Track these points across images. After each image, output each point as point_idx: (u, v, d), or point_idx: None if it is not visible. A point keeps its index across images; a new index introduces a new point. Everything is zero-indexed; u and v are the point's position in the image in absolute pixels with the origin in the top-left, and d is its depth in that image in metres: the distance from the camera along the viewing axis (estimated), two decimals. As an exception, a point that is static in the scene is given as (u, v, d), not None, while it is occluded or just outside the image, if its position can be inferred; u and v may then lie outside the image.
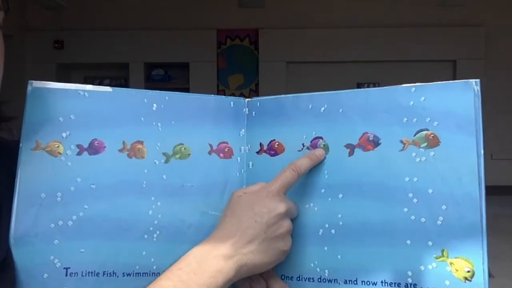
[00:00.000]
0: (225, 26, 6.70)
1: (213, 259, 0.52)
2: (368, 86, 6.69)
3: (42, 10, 6.44)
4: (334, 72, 6.61)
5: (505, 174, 6.27)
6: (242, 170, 0.63)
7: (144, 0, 6.64)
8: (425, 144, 0.54)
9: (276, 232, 0.54)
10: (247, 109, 0.64)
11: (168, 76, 6.84)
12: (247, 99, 0.65)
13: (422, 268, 0.53)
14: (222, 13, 6.64)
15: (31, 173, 0.56)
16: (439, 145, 0.54)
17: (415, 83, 0.57)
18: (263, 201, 0.55)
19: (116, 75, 6.86)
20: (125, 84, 6.70)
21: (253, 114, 0.64)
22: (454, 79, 0.57)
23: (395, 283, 0.54)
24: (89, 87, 0.59)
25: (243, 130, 0.64)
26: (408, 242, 0.54)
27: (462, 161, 0.52)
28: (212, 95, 0.64)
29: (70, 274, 0.55)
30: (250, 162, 0.63)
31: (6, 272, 0.53)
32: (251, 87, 6.84)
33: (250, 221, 0.54)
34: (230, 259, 0.52)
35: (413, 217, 0.54)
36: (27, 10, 6.46)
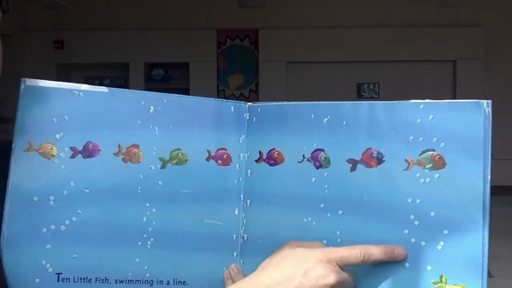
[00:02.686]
0: (225, 26, 6.70)
1: None
2: (368, 86, 6.69)
3: (42, 10, 6.43)
4: (334, 72, 6.61)
5: (505, 174, 6.27)
6: (241, 178, 0.61)
7: (144, 0, 6.64)
8: (431, 165, 0.52)
9: None
10: (247, 114, 0.62)
11: (168, 76, 6.84)
12: (248, 104, 0.63)
13: None
14: (222, 13, 6.64)
15: (23, 175, 0.54)
16: (444, 167, 0.52)
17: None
18: (316, 264, 0.50)
19: (116, 75, 6.86)
20: (125, 84, 6.70)
21: (254, 120, 0.62)
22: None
23: None
24: (84, 86, 0.57)
25: (243, 136, 0.62)
26: (407, 265, 0.52)
27: (468, 186, 0.50)
28: (212, 98, 0.62)
29: (62, 280, 0.54)
30: (249, 170, 0.61)
31: None
32: (251, 87, 6.83)
33: (293, 280, 0.49)
34: None
35: (413, 240, 0.52)
36: (27, 10, 6.45)
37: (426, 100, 0.53)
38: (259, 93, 6.68)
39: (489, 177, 0.50)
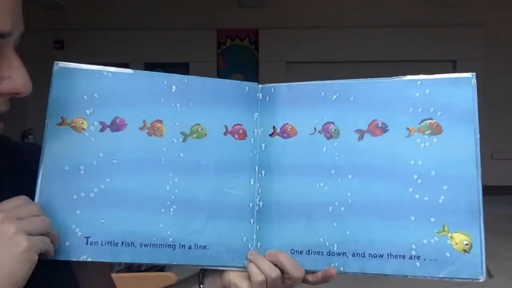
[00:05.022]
0: (225, 26, 6.70)
1: None
2: (368, 86, 6.68)
3: (42, 10, 6.44)
4: (334, 72, 6.60)
5: (505, 174, 6.27)
6: (255, 151, 0.66)
7: (144, 0, 6.64)
8: (429, 131, 0.60)
9: None
10: (260, 94, 0.67)
11: (168, 76, 6.84)
12: (260, 85, 0.68)
13: (425, 241, 0.59)
14: (222, 13, 6.64)
15: (56, 147, 0.59)
16: (441, 132, 0.60)
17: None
18: None
19: (116, 75, 6.86)
20: (125, 84, 6.69)
21: (267, 99, 0.67)
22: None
23: (400, 256, 0.59)
24: (111, 69, 0.63)
25: (256, 113, 0.67)
26: (412, 218, 0.59)
27: (462, 147, 0.59)
28: (228, 80, 0.67)
29: (90, 243, 0.59)
30: (263, 144, 0.66)
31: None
32: (251, 87, 6.83)
33: None
34: None
35: (417, 196, 0.59)
36: (27, 10, 6.44)
37: (422, 77, 0.62)
38: (259, 93, 6.67)
39: (478, 137, 0.59)
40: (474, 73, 0.60)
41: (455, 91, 0.60)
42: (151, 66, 6.81)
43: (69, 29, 6.57)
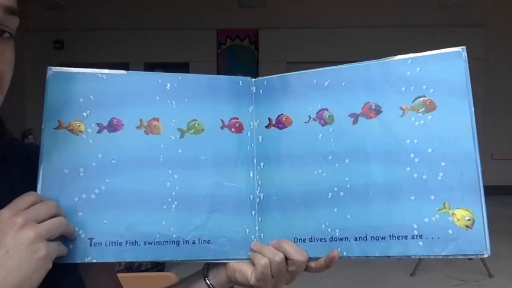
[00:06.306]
0: (225, 26, 6.70)
1: None
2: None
3: (42, 10, 6.44)
4: (334, 72, 6.60)
5: (505, 174, 6.27)
6: (252, 144, 0.67)
7: (144, 0, 6.64)
8: (423, 109, 0.60)
9: None
10: (254, 87, 0.68)
11: (168, 76, 6.84)
12: (253, 79, 0.69)
13: (426, 220, 0.58)
14: (222, 13, 6.65)
15: (54, 150, 0.60)
16: (435, 109, 0.59)
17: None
18: None
19: (116, 75, 6.86)
20: (125, 84, 6.70)
21: (261, 92, 0.68)
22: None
23: (402, 236, 0.59)
24: (105, 71, 0.63)
25: (251, 107, 0.67)
26: (412, 198, 0.59)
27: (457, 122, 0.58)
28: (222, 75, 0.68)
29: (94, 244, 0.59)
30: (260, 136, 0.67)
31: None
32: (251, 87, 6.83)
33: None
34: None
35: (415, 175, 0.59)
36: (27, 10, 6.46)
37: (412, 55, 0.61)
38: (259, 93, 6.68)
39: (473, 109, 0.58)
40: (464, 47, 0.59)
41: (446, 66, 0.59)
42: (151, 66, 6.82)
43: (69, 29, 6.57)
